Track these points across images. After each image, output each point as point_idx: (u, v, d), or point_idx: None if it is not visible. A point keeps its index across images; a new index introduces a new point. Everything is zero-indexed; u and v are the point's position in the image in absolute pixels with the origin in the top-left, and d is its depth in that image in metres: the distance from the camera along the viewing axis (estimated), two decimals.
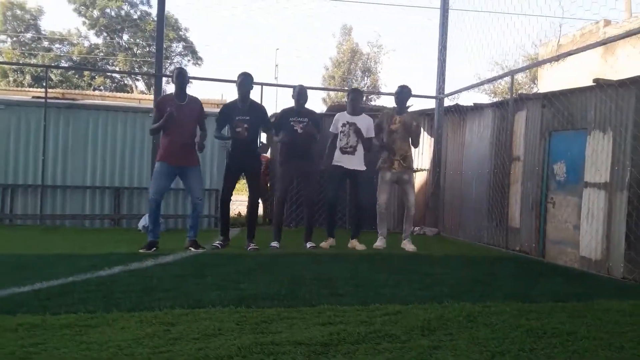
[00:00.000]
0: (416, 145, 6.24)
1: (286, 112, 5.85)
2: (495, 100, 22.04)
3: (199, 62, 30.72)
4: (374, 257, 5.39)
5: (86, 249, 5.20)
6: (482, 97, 25.66)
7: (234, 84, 5.57)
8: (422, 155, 8.77)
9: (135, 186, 7.64)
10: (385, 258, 5.35)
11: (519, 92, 21.98)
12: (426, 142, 8.73)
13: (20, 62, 26.50)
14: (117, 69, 29.18)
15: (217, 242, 5.52)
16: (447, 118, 8.30)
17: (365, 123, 5.91)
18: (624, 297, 3.74)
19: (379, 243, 6.06)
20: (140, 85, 29.54)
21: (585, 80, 5.93)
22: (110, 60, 29.65)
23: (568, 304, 3.42)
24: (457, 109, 8.05)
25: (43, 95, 7.63)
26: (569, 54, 5.40)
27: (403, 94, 6.13)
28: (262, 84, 7.33)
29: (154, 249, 5.15)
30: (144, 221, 6.71)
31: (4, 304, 2.93)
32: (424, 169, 8.83)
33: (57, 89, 12.37)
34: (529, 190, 6.38)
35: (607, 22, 8.82)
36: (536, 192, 6.24)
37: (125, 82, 30.13)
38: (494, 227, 6.92)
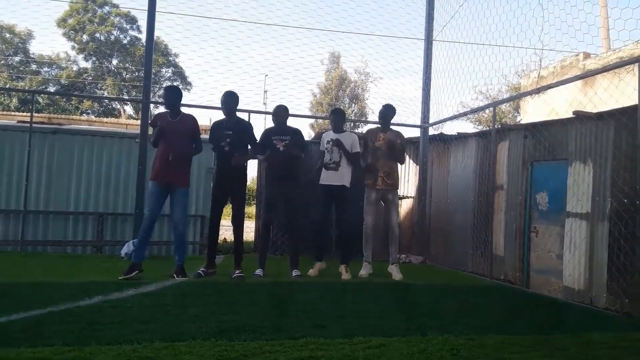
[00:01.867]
0: (401, 161, 6.29)
1: (269, 131, 5.89)
2: (479, 128, 22.45)
3: (188, 87, 30.82)
4: (360, 286, 5.36)
5: (66, 276, 5.10)
6: (467, 125, 26.05)
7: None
8: (408, 183, 8.83)
9: (120, 212, 7.56)
10: (370, 287, 5.32)
11: (503, 120, 22.37)
12: (412, 170, 8.81)
13: (7, 85, 26.37)
14: (106, 93, 29.18)
15: (201, 269, 5.44)
16: (432, 146, 8.41)
17: (349, 139, 5.94)
18: (606, 329, 3.76)
19: (363, 271, 6.04)
20: (129, 109, 29.54)
21: (566, 111, 6.09)
22: (99, 85, 29.67)
23: (551, 337, 3.42)
24: (442, 138, 8.16)
25: (28, 119, 7.59)
26: (549, 87, 5.54)
27: (387, 111, 6.22)
28: (249, 111, 7.37)
29: (136, 272, 5.07)
30: (126, 248, 6.62)
31: None
32: (410, 197, 8.88)
33: (44, 114, 12.29)
34: (512, 219, 6.44)
35: (587, 55, 9.09)
36: (519, 221, 6.30)
37: (114, 105, 30.12)
38: (479, 256, 6.94)
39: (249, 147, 5.62)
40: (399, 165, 6.33)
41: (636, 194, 4.40)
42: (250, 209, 19.41)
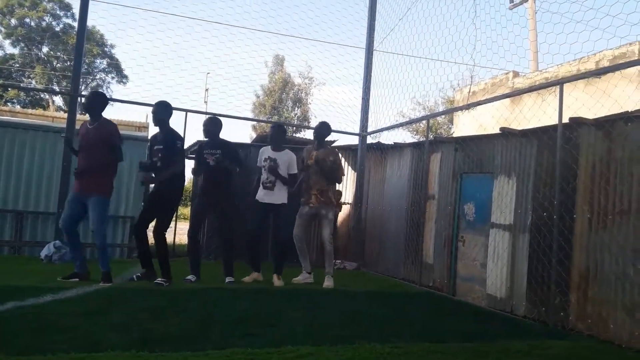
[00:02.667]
0: (333, 180, 6.15)
1: (201, 145, 5.82)
2: (416, 138, 23.20)
3: (124, 80, 29.70)
4: (293, 293, 5.35)
5: None
6: (405, 134, 26.82)
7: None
8: (346, 189, 8.94)
9: (41, 211, 7.12)
10: (303, 294, 5.33)
11: (438, 131, 23.15)
12: (349, 177, 8.93)
13: None
14: (34, 82, 27.50)
15: (136, 274, 5.31)
16: (369, 154, 8.56)
17: (286, 159, 5.89)
18: (524, 337, 3.97)
19: (299, 277, 6.05)
20: (58, 100, 27.97)
21: (493, 127, 6.40)
22: (27, 73, 27.90)
23: (472, 344, 3.56)
24: (379, 147, 8.34)
25: None
26: (479, 103, 5.81)
27: (320, 130, 6.22)
28: (187, 110, 7.18)
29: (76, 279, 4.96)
30: (47, 250, 6.24)
31: None
32: (347, 203, 8.99)
33: None
34: (441, 228, 6.68)
35: (516, 74, 9.62)
36: (448, 230, 6.54)
37: (42, 96, 28.41)
38: (410, 263, 7.14)
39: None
40: (336, 182, 6.23)
41: (553, 208, 4.69)
42: (186, 210, 18.93)
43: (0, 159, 7.01)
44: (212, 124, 5.70)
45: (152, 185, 5.64)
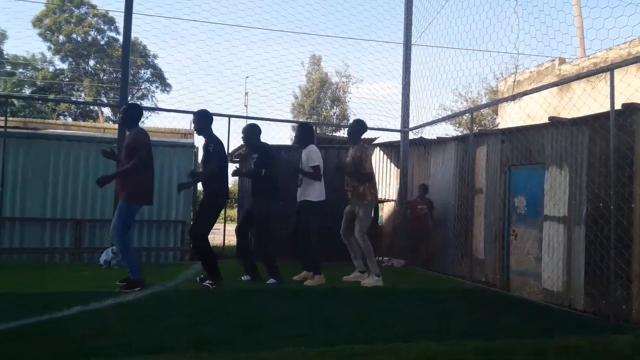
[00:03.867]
0: (356, 176, 5.89)
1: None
2: (459, 130, 22.73)
3: (167, 89, 30.56)
4: (338, 292, 5.33)
5: (44, 286, 5.00)
6: (447, 127, 26.35)
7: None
8: (390, 186, 8.89)
9: (98, 218, 7.44)
10: (349, 294, 5.31)
11: (482, 122, 22.56)
12: (393, 173, 8.87)
13: None
14: (83, 94, 28.71)
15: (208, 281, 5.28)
16: (412, 150, 8.47)
17: (305, 155, 5.83)
18: (584, 333, 3.83)
19: (351, 275, 6.07)
20: (107, 111, 29.09)
21: (543, 114, 6.18)
22: (76, 86, 29.18)
23: (530, 341, 3.47)
24: (422, 142, 8.23)
25: (2, 124, 7.42)
26: (525, 93, 5.63)
27: (350, 127, 6.22)
28: (229, 116, 7.33)
29: (138, 289, 4.88)
30: (105, 255, 6.52)
31: None
32: (392, 200, 8.94)
33: (19, 118, 12.02)
34: (491, 222, 6.53)
35: (562, 61, 9.27)
36: (498, 224, 6.39)
37: (91, 108, 29.64)
38: (460, 259, 7.02)
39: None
40: (369, 174, 6.01)
41: (609, 198, 4.50)
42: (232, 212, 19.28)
43: (57, 171, 7.37)
44: (248, 130, 5.77)
45: None
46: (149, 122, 28.66)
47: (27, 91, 28.69)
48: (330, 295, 5.12)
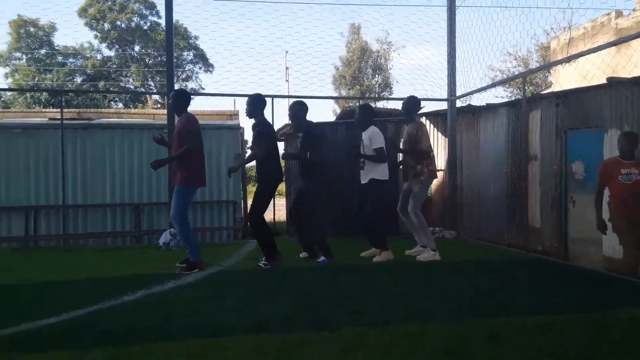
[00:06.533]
0: (418, 151, 5.80)
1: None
2: (509, 91, 21.84)
3: (210, 70, 30.92)
4: (395, 268, 5.33)
5: (109, 270, 5.25)
6: (497, 89, 25.36)
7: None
8: (438, 155, 8.69)
9: (154, 202, 7.75)
10: (405, 269, 5.31)
11: (534, 81, 21.54)
12: (440, 143, 8.68)
13: (36, 79, 27.00)
14: (131, 80, 29.52)
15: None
16: (460, 118, 8.23)
17: (366, 136, 5.73)
18: None
19: (413, 250, 6.08)
20: (155, 95, 29.83)
21: (598, 72, 5.83)
22: (124, 72, 30.03)
23: (590, 316, 3.37)
24: (470, 110, 7.98)
25: (59, 116, 7.77)
26: (580, 55, 5.31)
27: (404, 104, 6.06)
28: (272, 96, 7.33)
29: (197, 270, 5.07)
30: (164, 237, 6.79)
31: (34, 340, 3.01)
32: (440, 170, 8.76)
33: (73, 109, 12.52)
34: (547, 189, 6.31)
35: (619, 14, 8.64)
36: (555, 191, 6.16)
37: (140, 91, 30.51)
38: (514, 228, 6.84)
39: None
40: (426, 152, 5.89)
41: None
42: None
43: (113, 159, 7.69)
44: (294, 108, 5.71)
45: None
46: (195, 103, 29.23)
47: (78, 79, 29.81)
48: (384, 272, 5.13)
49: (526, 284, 4.51)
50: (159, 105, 24.73)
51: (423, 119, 8.62)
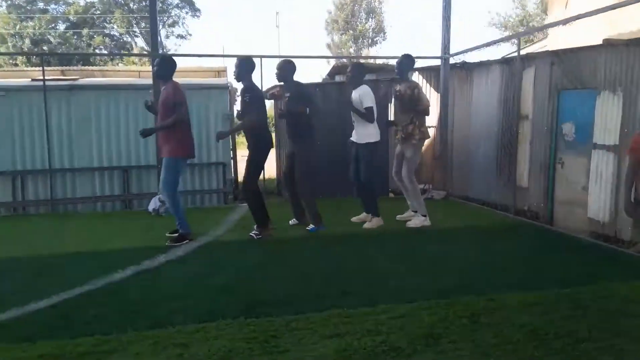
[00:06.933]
0: (421, 111, 5.81)
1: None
2: (506, 33, 21.31)
3: (197, 14, 29.86)
4: (384, 238, 5.34)
5: (99, 243, 5.22)
6: (492, 32, 24.76)
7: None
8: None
9: (143, 164, 7.66)
10: (394, 238, 5.31)
11: (530, 24, 21.02)
12: (432, 99, 8.53)
13: (17, 27, 26.05)
14: (115, 26, 28.52)
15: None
16: (453, 74, 8.06)
17: (356, 95, 5.62)
18: (628, 276, 3.79)
19: (404, 214, 6.15)
20: (140, 41, 28.96)
21: (597, 28, 5.67)
22: (108, 18, 28.95)
23: (573, 291, 3.44)
24: (464, 66, 7.80)
25: (41, 78, 7.52)
26: (577, 17, 5.12)
27: (399, 63, 5.89)
28: (261, 57, 7.07)
29: (186, 241, 5.12)
30: (153, 204, 6.78)
31: (25, 328, 3.05)
32: (431, 126, 8.67)
33: (56, 67, 12.06)
34: (537, 150, 6.29)
35: None
36: (545, 152, 6.15)
37: (124, 39, 29.54)
38: (502, 187, 6.88)
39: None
40: (421, 113, 5.86)
41: None
42: None
43: (99, 121, 7.52)
44: (282, 67, 5.56)
45: None
46: (182, 49, 28.35)
47: (61, 27, 28.76)
48: (374, 242, 5.15)
49: (511, 255, 4.66)
50: (145, 60, 24.05)
51: (416, 74, 8.44)
